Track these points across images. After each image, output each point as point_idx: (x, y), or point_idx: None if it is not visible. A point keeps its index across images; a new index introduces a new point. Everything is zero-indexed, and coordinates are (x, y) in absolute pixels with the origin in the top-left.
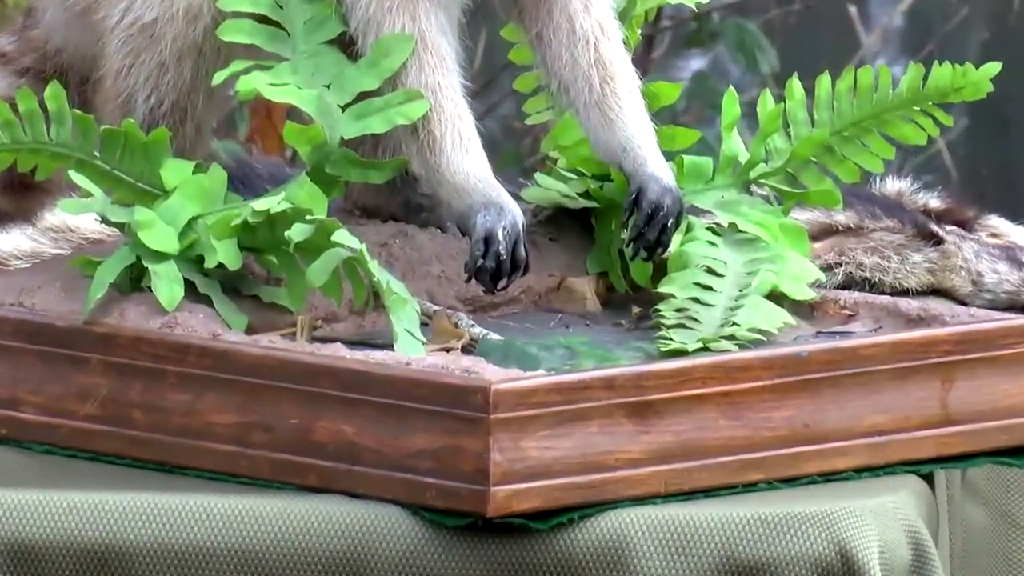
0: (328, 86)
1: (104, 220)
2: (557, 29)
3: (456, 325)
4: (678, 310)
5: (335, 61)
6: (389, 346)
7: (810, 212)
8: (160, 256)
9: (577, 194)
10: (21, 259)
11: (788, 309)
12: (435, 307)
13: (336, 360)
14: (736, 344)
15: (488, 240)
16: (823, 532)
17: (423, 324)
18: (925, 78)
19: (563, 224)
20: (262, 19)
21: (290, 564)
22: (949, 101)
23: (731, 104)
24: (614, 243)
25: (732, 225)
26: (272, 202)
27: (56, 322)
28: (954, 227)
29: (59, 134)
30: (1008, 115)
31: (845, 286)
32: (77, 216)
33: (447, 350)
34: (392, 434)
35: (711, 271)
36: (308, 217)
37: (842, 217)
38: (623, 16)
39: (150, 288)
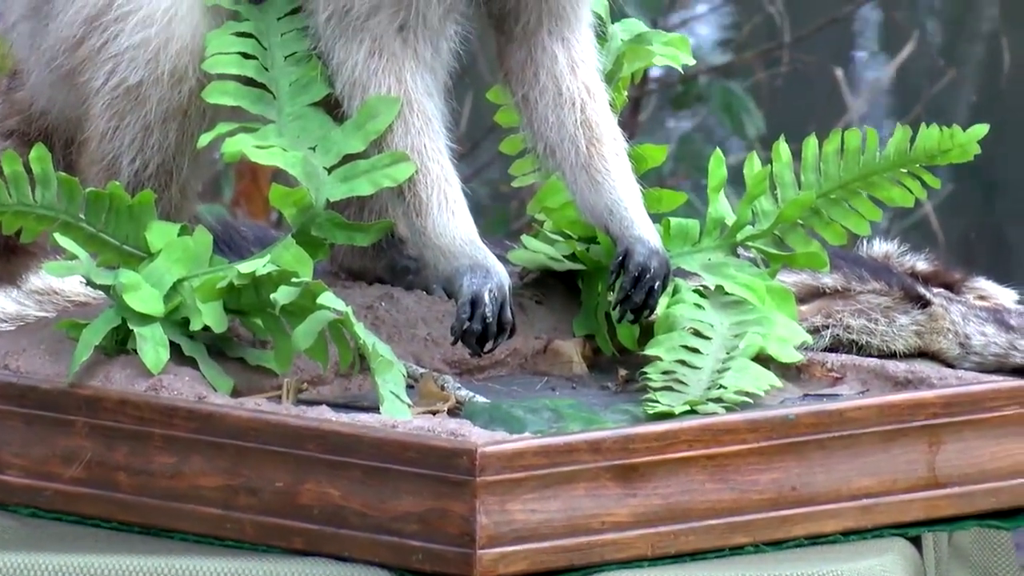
0: (314, 148)
1: (89, 283)
2: (543, 91)
3: (442, 388)
4: (665, 373)
5: (321, 123)
6: (375, 409)
7: (797, 274)
8: (145, 319)
9: (564, 256)
10: (6, 321)
11: (775, 372)
12: (421, 370)
13: (322, 423)
14: (723, 407)
15: (474, 303)
16: None
17: (409, 387)
18: (912, 140)
19: (550, 286)
20: (248, 81)
21: None
22: (936, 163)
23: (718, 166)
24: (601, 306)
25: (719, 287)
26: (258, 264)
27: (41, 385)
28: (941, 289)
29: (44, 196)
30: (996, 177)
31: (832, 348)
32: (62, 279)
33: (433, 413)
34: (378, 497)
35: (698, 333)
36: (294, 280)
37: (829, 279)
38: (609, 78)
39: (135, 351)
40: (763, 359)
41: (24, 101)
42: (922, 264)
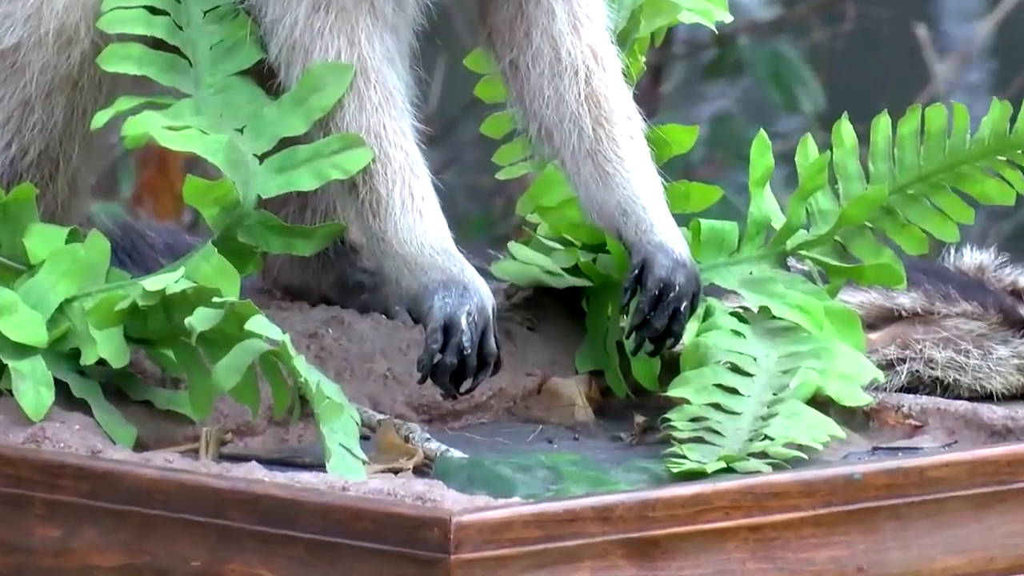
0: (241, 130)
1: None
2: (537, 56)
3: (407, 439)
4: (694, 420)
5: (250, 98)
6: (320, 466)
7: (865, 293)
8: (23, 350)
9: (563, 269)
10: None
11: (836, 418)
12: (380, 416)
13: (251, 484)
14: (769, 464)
15: (448, 329)
16: None
17: (364, 438)
18: (1014, 119)
19: (545, 308)
20: (156, 44)
21: None
22: None
23: (762, 153)
24: (611, 333)
25: (764, 309)
26: (169, 280)
27: None
28: None
29: None
30: None
31: (910, 388)
32: None
33: (395, 471)
34: None
35: (737, 369)
36: (215, 300)
37: (906, 299)
38: (623, 40)
39: (10, 391)
40: (821, 402)
41: None
42: None
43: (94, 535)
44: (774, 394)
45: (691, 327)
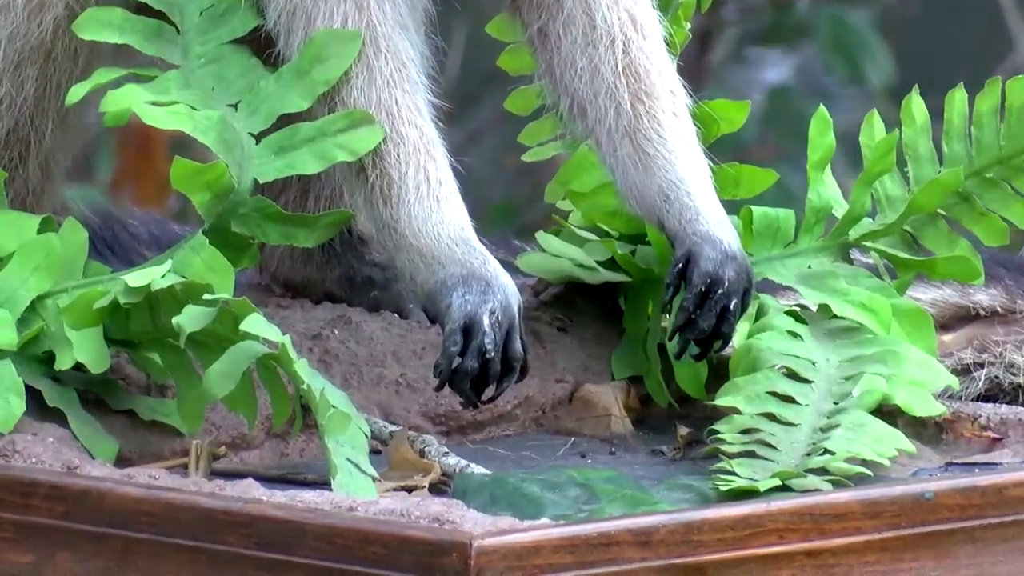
0: (235, 106)
1: None
2: (569, 23)
3: (422, 453)
4: (745, 432)
5: (245, 70)
6: (325, 483)
7: (938, 289)
8: None
9: (597, 263)
10: None
11: (905, 430)
12: (392, 427)
13: (248, 504)
14: (829, 481)
15: (468, 330)
16: None
17: (374, 452)
18: None
19: (577, 307)
20: (139, 8)
21: None
22: None
23: (822, 131)
24: (652, 335)
25: (824, 308)
26: (154, 275)
27: None
28: None
29: None
30: None
31: (989, 397)
32: None
33: (409, 489)
34: None
35: (793, 375)
36: (206, 297)
37: (984, 297)
38: (665, 4)
39: None
40: (888, 412)
41: None
42: None
43: (70, 561)
44: (835, 403)
45: (742, 328)
